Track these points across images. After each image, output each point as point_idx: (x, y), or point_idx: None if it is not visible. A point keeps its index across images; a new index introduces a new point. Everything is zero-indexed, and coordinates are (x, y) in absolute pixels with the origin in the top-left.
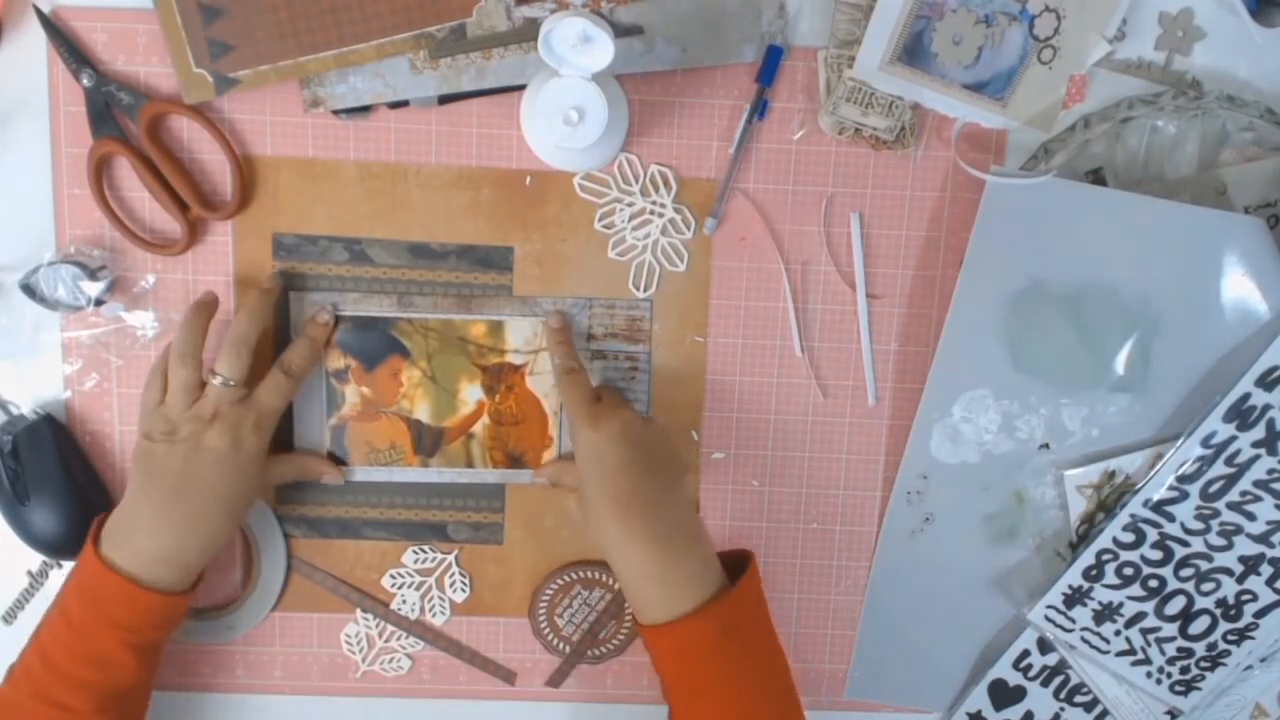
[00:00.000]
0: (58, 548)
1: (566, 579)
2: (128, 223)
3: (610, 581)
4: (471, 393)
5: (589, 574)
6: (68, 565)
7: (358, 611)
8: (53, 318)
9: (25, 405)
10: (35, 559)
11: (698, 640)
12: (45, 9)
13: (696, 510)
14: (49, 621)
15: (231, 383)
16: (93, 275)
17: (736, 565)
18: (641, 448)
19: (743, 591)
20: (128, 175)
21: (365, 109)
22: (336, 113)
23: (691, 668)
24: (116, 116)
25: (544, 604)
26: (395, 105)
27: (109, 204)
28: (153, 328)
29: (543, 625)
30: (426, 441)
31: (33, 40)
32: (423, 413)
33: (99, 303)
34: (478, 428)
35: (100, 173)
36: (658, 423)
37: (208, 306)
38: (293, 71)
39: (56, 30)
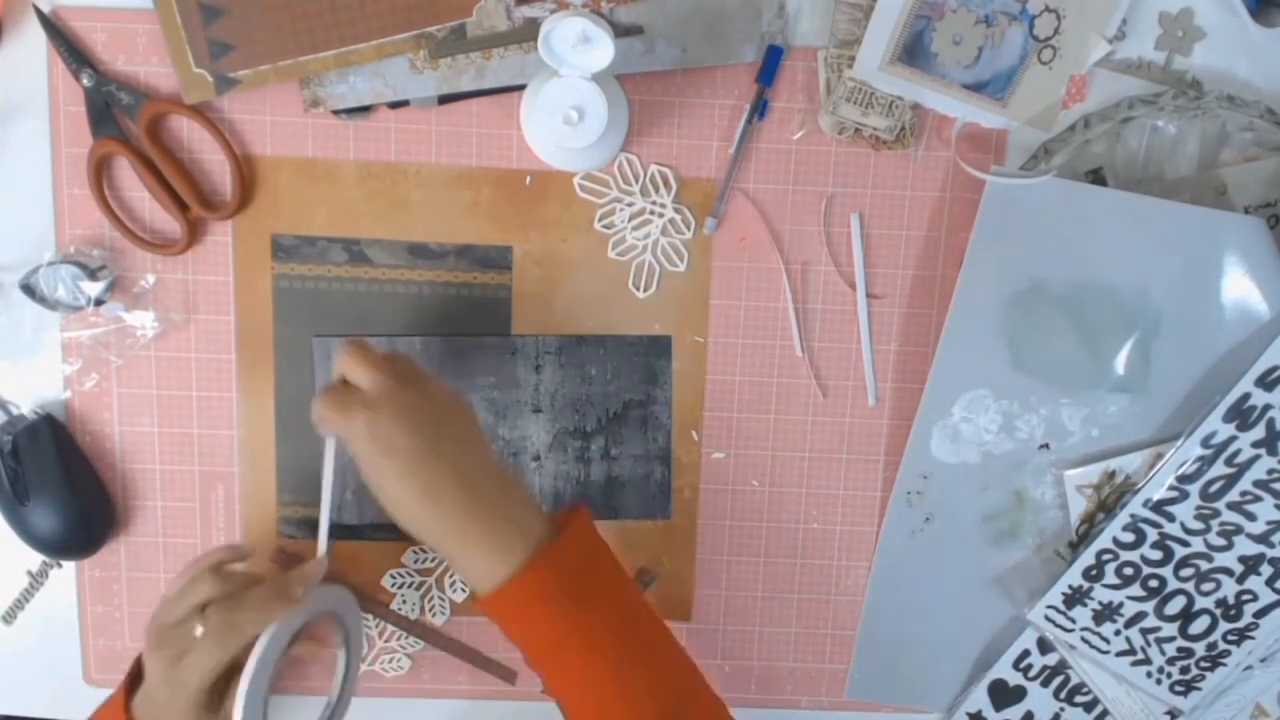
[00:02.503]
0: (58, 548)
1: None
2: (128, 223)
3: None
4: None
5: None
6: (68, 565)
7: None
8: (53, 318)
9: (25, 405)
10: (35, 559)
11: (538, 591)
12: (45, 9)
13: (495, 464)
14: None
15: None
16: (93, 275)
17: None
18: (408, 423)
19: (573, 535)
20: (128, 175)
21: (365, 109)
22: (336, 113)
23: (542, 623)
24: (116, 116)
25: None
26: (395, 105)
27: (109, 204)
28: (153, 328)
29: None
30: None
31: (33, 40)
32: None
33: (99, 303)
34: None
35: (100, 173)
36: (420, 383)
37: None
38: (293, 71)
39: (56, 30)
